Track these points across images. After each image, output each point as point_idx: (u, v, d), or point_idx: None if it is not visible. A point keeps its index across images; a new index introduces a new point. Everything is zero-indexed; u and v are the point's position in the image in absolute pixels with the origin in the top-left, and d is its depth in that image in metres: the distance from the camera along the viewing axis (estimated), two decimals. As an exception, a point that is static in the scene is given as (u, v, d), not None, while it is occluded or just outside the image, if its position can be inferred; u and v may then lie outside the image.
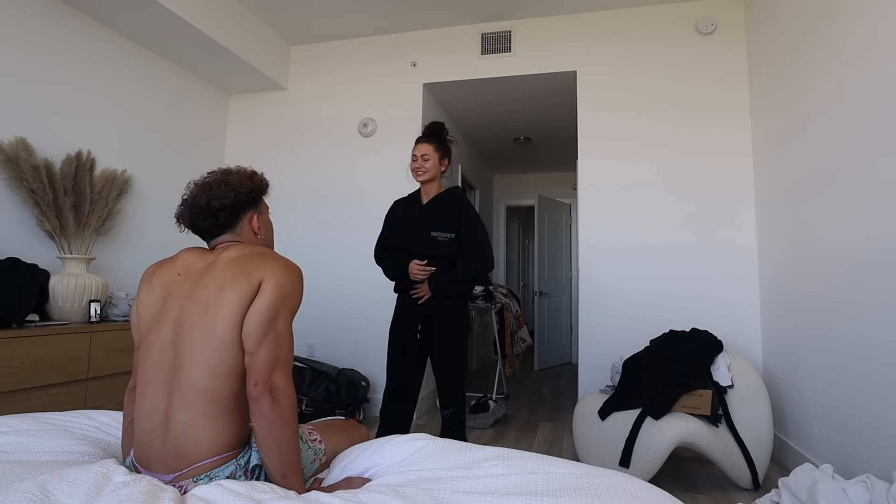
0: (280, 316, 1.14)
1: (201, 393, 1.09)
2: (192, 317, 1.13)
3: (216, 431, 1.10)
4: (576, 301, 6.37)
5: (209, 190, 1.25)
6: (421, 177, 2.37)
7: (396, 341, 2.38)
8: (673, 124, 3.30)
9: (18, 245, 2.55)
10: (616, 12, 3.47)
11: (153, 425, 1.11)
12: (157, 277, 1.24)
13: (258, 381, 1.07)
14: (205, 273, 1.19)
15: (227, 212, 1.25)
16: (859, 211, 2.03)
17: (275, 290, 1.13)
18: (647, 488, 1.02)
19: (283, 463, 1.09)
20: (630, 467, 2.25)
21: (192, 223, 1.27)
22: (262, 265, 1.16)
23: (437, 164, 2.37)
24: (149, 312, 1.21)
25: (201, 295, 1.14)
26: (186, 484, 1.08)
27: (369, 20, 3.67)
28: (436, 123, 2.42)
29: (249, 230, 1.31)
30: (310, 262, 3.83)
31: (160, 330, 1.16)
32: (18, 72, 2.58)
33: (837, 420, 2.18)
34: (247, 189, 1.28)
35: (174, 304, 1.17)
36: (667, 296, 3.20)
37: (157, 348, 1.15)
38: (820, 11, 2.33)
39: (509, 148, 5.70)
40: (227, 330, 1.10)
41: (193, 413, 1.09)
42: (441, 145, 2.39)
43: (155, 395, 1.12)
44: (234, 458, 1.13)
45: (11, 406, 2.09)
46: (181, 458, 1.08)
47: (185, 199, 1.28)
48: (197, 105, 3.81)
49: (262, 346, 1.10)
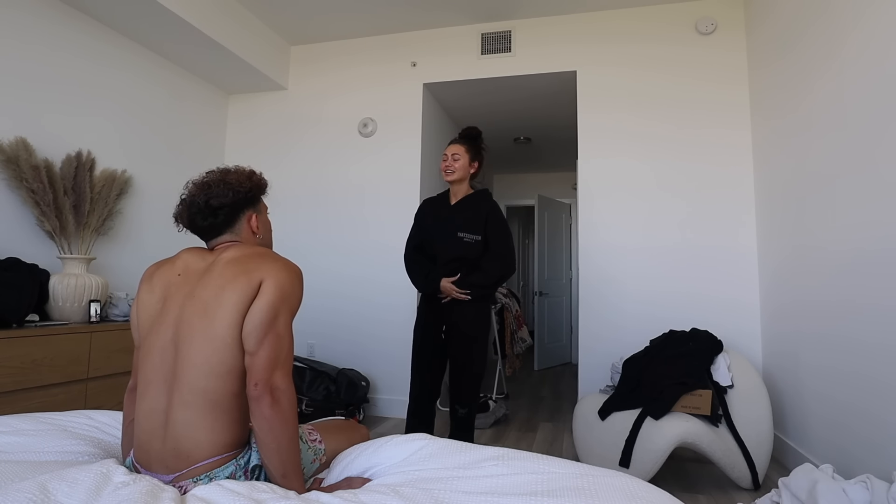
0: (280, 316, 1.13)
1: (201, 393, 1.09)
2: (193, 317, 1.13)
3: (216, 432, 1.10)
4: (576, 301, 6.37)
5: (208, 189, 1.24)
6: (450, 176, 2.37)
7: (423, 344, 2.41)
8: (673, 124, 3.30)
9: (18, 245, 2.55)
10: (616, 12, 3.47)
11: (153, 425, 1.11)
12: (157, 277, 1.23)
13: (258, 382, 1.07)
14: (205, 273, 1.19)
15: (226, 211, 1.25)
16: (859, 210, 2.03)
17: (275, 291, 1.13)
18: (648, 488, 1.02)
19: (284, 463, 1.09)
20: (630, 467, 2.25)
21: (190, 222, 1.27)
22: (262, 265, 1.16)
23: (466, 164, 2.37)
24: (149, 313, 1.21)
25: (201, 295, 1.14)
26: (186, 484, 1.08)
27: (369, 20, 3.67)
28: (472, 128, 2.44)
29: (248, 230, 1.30)
30: (309, 263, 3.83)
31: (160, 330, 1.16)
32: (18, 72, 2.58)
33: (837, 419, 2.18)
34: (245, 188, 1.27)
35: (174, 304, 1.17)
36: (667, 296, 3.20)
37: (157, 349, 1.14)
38: (820, 11, 2.33)
39: (509, 148, 5.70)
40: (227, 330, 1.10)
41: (193, 413, 1.08)
42: (472, 147, 2.40)
43: (155, 395, 1.12)
44: (234, 459, 1.13)
45: (11, 406, 2.09)
46: (181, 459, 1.08)
47: (184, 199, 1.28)
48: (197, 105, 3.81)
49: (263, 347, 1.09)
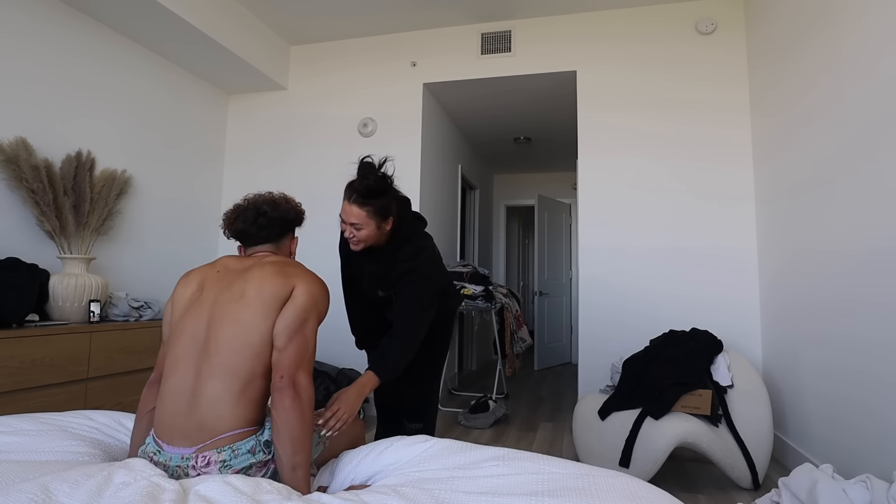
0: (309, 321, 1.26)
1: (229, 369, 1.19)
2: (228, 302, 1.25)
3: (240, 406, 1.19)
4: (576, 301, 6.37)
5: (273, 202, 1.43)
6: (358, 247, 1.78)
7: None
8: (673, 124, 3.30)
9: (18, 245, 2.55)
10: (616, 12, 3.47)
11: (179, 400, 1.20)
12: (194, 275, 1.37)
13: (284, 375, 1.19)
14: (244, 271, 1.32)
15: (280, 224, 1.43)
16: (860, 210, 2.03)
17: (307, 297, 1.27)
18: (648, 488, 1.02)
19: (295, 453, 1.17)
20: (630, 467, 2.25)
21: (243, 226, 1.40)
22: (298, 273, 1.31)
23: (375, 230, 1.76)
24: (183, 302, 1.33)
25: (239, 286, 1.28)
26: (210, 454, 1.16)
27: (369, 20, 3.67)
28: (368, 176, 1.71)
29: (287, 248, 1.49)
30: (308, 263, 3.82)
31: (196, 314, 1.28)
32: (18, 72, 2.58)
33: (837, 419, 2.18)
34: (298, 213, 1.49)
35: (211, 292, 1.30)
36: (667, 296, 3.20)
37: (189, 330, 1.26)
38: (820, 11, 2.33)
39: (509, 148, 5.70)
40: (258, 317, 1.22)
41: (220, 387, 1.18)
42: (378, 206, 1.72)
43: (183, 372, 1.22)
44: (255, 434, 1.22)
45: (11, 406, 2.09)
46: (205, 431, 1.17)
47: (240, 205, 1.43)
48: (197, 105, 3.81)
49: (291, 345, 1.21)
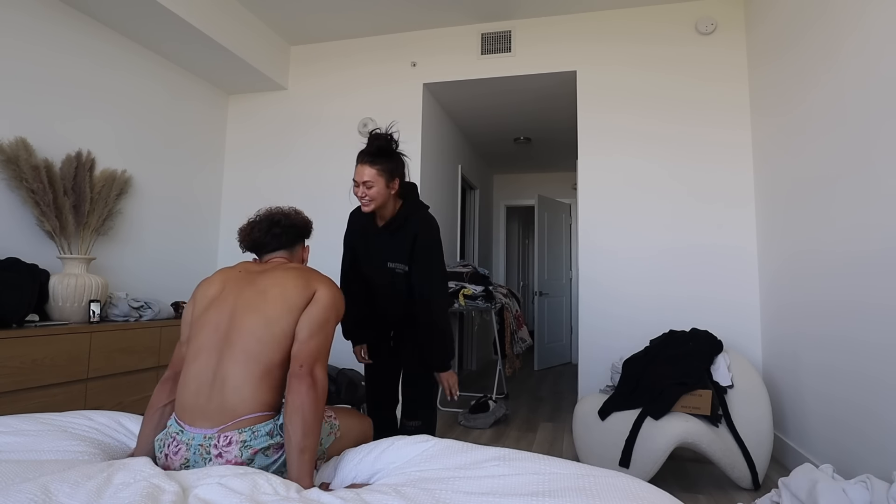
0: (330, 321, 1.37)
1: (250, 355, 1.28)
2: (252, 296, 1.35)
3: (260, 390, 1.28)
4: (576, 301, 6.37)
5: (285, 214, 1.58)
6: (368, 207, 1.93)
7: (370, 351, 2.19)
8: (673, 124, 3.30)
9: (18, 245, 2.55)
10: (616, 12, 3.47)
11: (201, 383, 1.28)
12: (215, 277, 1.46)
13: (304, 364, 1.28)
14: (265, 272, 1.43)
15: (295, 232, 1.58)
16: (860, 211, 2.03)
17: (329, 299, 1.38)
18: (648, 488, 1.02)
19: (305, 436, 1.23)
20: (630, 467, 2.25)
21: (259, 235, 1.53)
22: (318, 279, 1.42)
23: (384, 188, 1.90)
24: (206, 300, 1.41)
25: (262, 283, 1.38)
26: (232, 434, 1.24)
27: (369, 20, 3.67)
28: (380, 137, 1.92)
29: (300, 255, 1.63)
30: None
31: (219, 307, 1.37)
32: (18, 72, 2.58)
33: (837, 419, 2.18)
34: (308, 223, 1.64)
35: (234, 287, 1.40)
36: (667, 296, 3.20)
37: (212, 322, 1.35)
38: (820, 11, 2.33)
39: (509, 148, 5.70)
40: (280, 312, 1.32)
41: (242, 371, 1.27)
42: (387, 164, 1.90)
43: (206, 358, 1.31)
44: (273, 419, 1.30)
45: (11, 406, 2.09)
46: (226, 413, 1.25)
47: (254, 219, 1.57)
48: (197, 105, 3.80)
49: (313, 339, 1.32)
